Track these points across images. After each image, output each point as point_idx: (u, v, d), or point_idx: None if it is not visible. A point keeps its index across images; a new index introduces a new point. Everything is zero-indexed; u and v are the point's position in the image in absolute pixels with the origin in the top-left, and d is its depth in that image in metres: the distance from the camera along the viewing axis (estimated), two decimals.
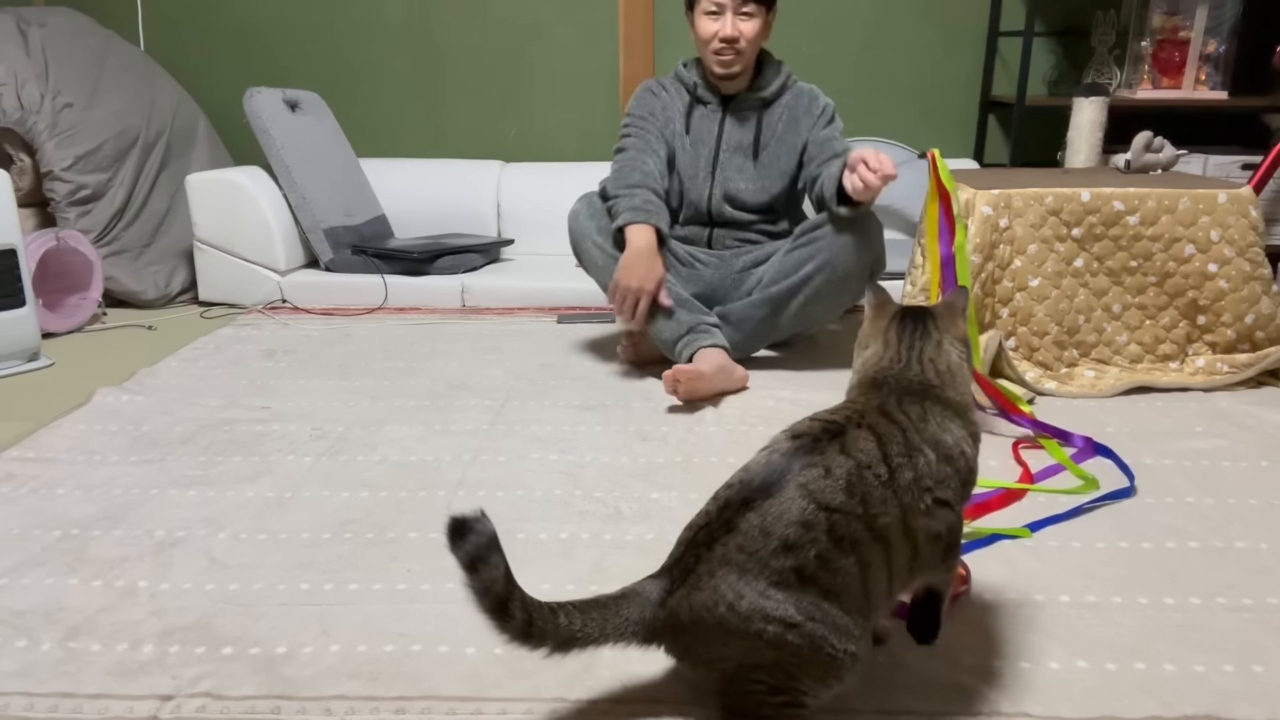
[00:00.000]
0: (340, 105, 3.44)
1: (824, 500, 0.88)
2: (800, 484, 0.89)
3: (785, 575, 0.87)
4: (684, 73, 2.35)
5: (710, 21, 2.20)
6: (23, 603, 1.29)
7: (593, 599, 0.93)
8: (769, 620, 0.86)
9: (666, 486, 1.65)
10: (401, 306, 2.92)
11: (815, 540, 0.87)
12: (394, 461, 1.76)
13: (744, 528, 0.88)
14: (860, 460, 0.91)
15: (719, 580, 0.88)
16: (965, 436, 1.00)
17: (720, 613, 0.87)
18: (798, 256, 2.16)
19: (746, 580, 0.87)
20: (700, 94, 2.32)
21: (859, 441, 0.93)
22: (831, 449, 0.92)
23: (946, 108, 3.45)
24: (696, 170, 2.31)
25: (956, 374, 1.04)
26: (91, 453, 1.81)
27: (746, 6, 2.18)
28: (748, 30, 2.19)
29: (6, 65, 2.80)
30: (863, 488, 0.90)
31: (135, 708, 1.08)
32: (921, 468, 0.94)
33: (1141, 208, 2.12)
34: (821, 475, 0.90)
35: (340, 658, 1.17)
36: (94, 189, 2.88)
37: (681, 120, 2.33)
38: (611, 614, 0.91)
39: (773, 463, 0.93)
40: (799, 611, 0.87)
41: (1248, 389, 2.14)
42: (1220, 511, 1.55)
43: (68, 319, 2.70)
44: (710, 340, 2.13)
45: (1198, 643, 1.19)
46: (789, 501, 0.88)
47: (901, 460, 0.93)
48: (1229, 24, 3.03)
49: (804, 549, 0.87)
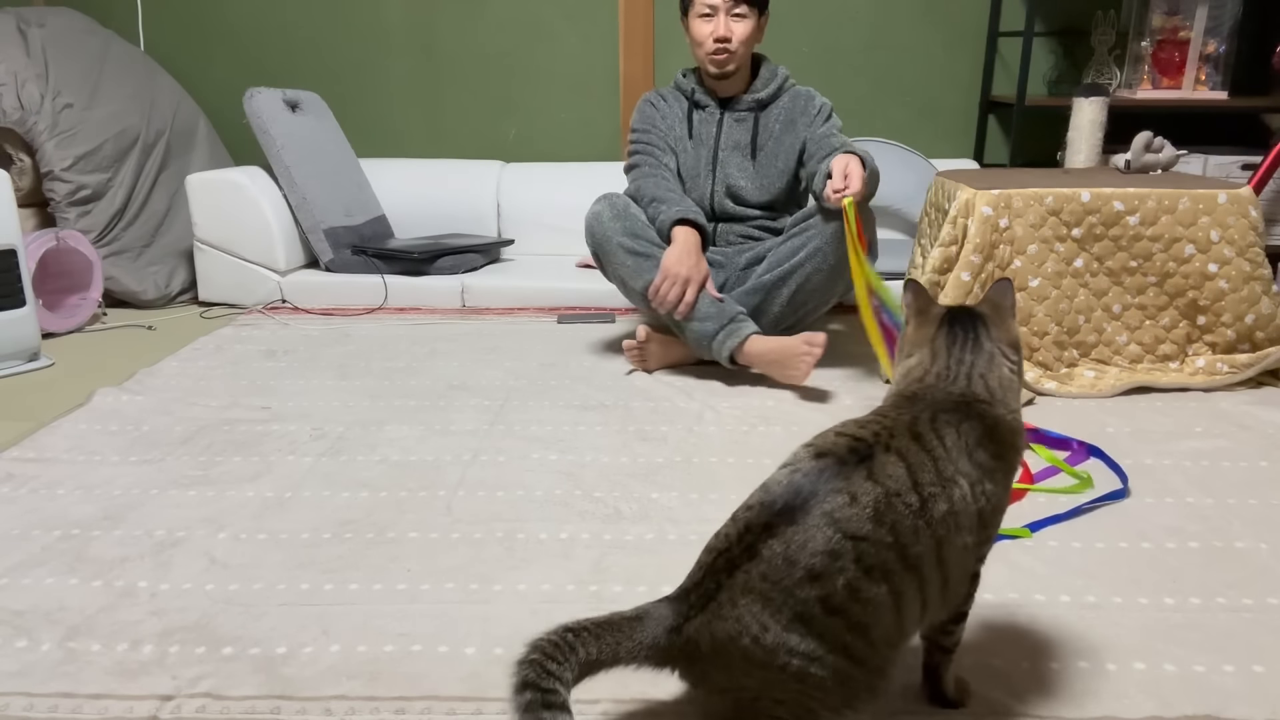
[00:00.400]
0: (340, 105, 3.44)
1: (851, 529, 0.85)
2: (825, 511, 0.85)
3: (811, 606, 0.83)
4: (682, 81, 2.41)
5: (704, 23, 2.26)
6: (23, 603, 1.29)
7: (606, 619, 0.90)
8: (794, 654, 0.83)
9: (666, 486, 1.65)
10: (401, 306, 2.92)
11: (843, 570, 0.83)
12: (394, 461, 1.76)
13: (767, 555, 0.84)
14: (889, 488, 0.87)
15: (742, 610, 0.84)
16: (994, 468, 0.95)
17: (744, 644, 0.84)
18: (790, 246, 2.19)
19: (770, 611, 0.83)
20: (698, 98, 2.38)
21: (888, 467, 0.88)
22: (858, 474, 0.87)
23: (946, 108, 3.45)
24: (698, 169, 2.37)
25: (1008, 390, 0.99)
26: (91, 453, 1.81)
27: (739, 8, 2.24)
28: (740, 30, 2.25)
29: (6, 65, 2.79)
30: (892, 516, 0.86)
31: (135, 708, 1.08)
32: (957, 501, 0.90)
33: (1141, 208, 2.12)
34: (848, 503, 0.86)
35: (340, 658, 1.17)
36: (94, 189, 2.88)
37: (682, 125, 2.39)
38: (625, 637, 0.88)
39: (795, 484, 0.88)
40: (824, 644, 0.83)
41: (1248, 389, 2.14)
42: (1220, 511, 1.55)
43: (68, 319, 2.70)
44: (751, 328, 2.16)
45: (1198, 643, 1.19)
46: (814, 529, 0.84)
47: (935, 490, 0.89)
48: (1229, 24, 3.03)
49: (831, 578, 0.83)
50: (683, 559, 1.40)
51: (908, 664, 1.13)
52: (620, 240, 2.22)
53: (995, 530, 0.98)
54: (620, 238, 2.22)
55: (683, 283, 2.14)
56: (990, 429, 0.95)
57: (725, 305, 2.17)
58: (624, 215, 2.24)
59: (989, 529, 0.96)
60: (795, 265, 2.16)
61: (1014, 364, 1.01)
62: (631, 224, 2.23)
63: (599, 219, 2.26)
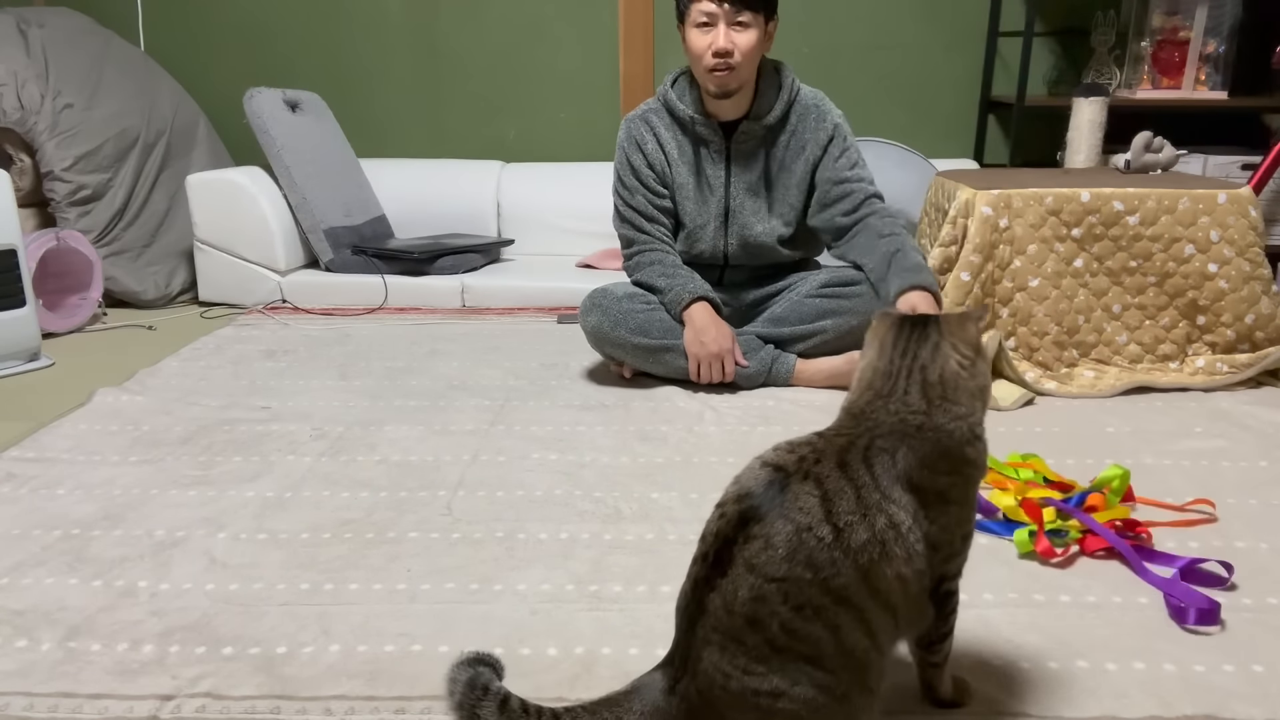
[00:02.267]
0: (340, 105, 3.44)
1: (768, 573, 0.85)
2: (744, 559, 0.87)
3: (759, 648, 0.85)
4: (676, 104, 2.13)
5: (701, 35, 2.00)
6: (23, 603, 1.29)
7: (602, 699, 0.92)
8: (759, 694, 0.85)
9: (666, 486, 1.65)
10: (401, 306, 2.92)
11: (774, 612, 0.85)
12: (394, 461, 1.76)
13: (711, 608, 0.87)
14: (799, 523, 0.86)
15: (706, 663, 0.87)
16: (946, 485, 0.92)
17: (718, 693, 0.87)
18: (818, 307, 2.12)
19: (728, 659, 0.86)
20: (699, 131, 2.13)
21: (799, 499, 0.88)
22: (773, 513, 0.87)
23: (946, 108, 3.45)
24: (706, 220, 2.18)
25: (954, 388, 0.94)
26: (91, 453, 1.81)
27: (742, 16, 1.98)
28: (743, 42, 1.99)
29: (6, 65, 2.80)
30: (805, 552, 0.85)
31: (135, 708, 1.08)
32: (881, 529, 0.88)
33: (1141, 208, 2.12)
34: (762, 548, 0.86)
35: (340, 658, 1.17)
36: (94, 189, 2.88)
37: (680, 167, 2.16)
38: (625, 710, 0.90)
39: (721, 533, 0.89)
40: (784, 680, 0.85)
41: (1248, 389, 2.14)
42: (1220, 511, 1.55)
43: (68, 319, 2.70)
44: (791, 358, 2.14)
45: (1198, 643, 1.19)
46: (739, 579, 0.86)
47: (852, 518, 0.87)
48: (1229, 24, 3.03)
49: (766, 622, 0.85)
50: (683, 559, 1.40)
51: (908, 664, 1.13)
52: (635, 342, 2.11)
53: (956, 550, 0.96)
54: (633, 340, 2.11)
55: (718, 360, 2.07)
56: (933, 446, 0.92)
57: (750, 339, 2.15)
58: (623, 318, 2.11)
59: (942, 551, 0.93)
60: (817, 330, 2.12)
61: (964, 359, 0.95)
62: (633, 321, 2.11)
63: (600, 332, 2.14)
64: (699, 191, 2.17)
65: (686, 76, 2.16)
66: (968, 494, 0.96)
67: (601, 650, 1.18)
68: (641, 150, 2.17)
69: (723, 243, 2.21)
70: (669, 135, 2.16)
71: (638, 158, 2.17)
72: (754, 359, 2.13)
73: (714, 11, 1.98)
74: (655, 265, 2.17)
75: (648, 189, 2.18)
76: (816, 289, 2.15)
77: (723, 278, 2.28)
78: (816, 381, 2.14)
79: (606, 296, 2.16)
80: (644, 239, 2.19)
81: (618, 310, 2.13)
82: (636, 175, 2.17)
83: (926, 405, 0.94)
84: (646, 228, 2.19)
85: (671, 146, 2.16)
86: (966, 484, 0.96)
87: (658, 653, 0.98)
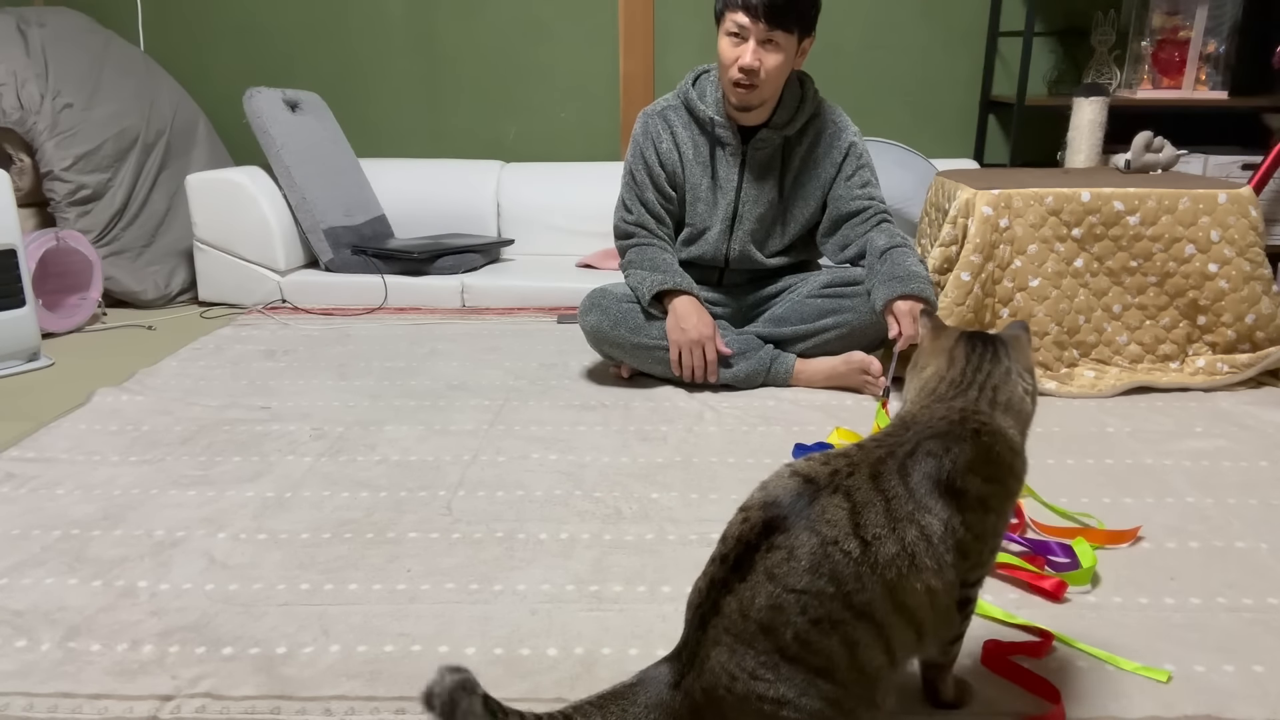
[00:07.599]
0: (340, 105, 3.44)
1: (788, 584, 0.85)
2: (765, 567, 0.87)
3: (770, 656, 0.85)
4: (696, 103, 2.11)
5: (731, 45, 1.97)
6: (23, 603, 1.29)
7: (608, 691, 0.92)
8: (764, 700, 0.86)
9: (666, 486, 1.65)
10: (401, 306, 2.92)
11: (790, 622, 0.85)
12: (394, 461, 1.76)
13: (725, 610, 0.88)
14: (825, 535, 0.86)
15: (714, 662, 0.87)
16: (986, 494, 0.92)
17: (720, 694, 0.87)
18: (819, 307, 2.12)
19: (736, 661, 0.86)
20: (718, 132, 2.10)
21: (827, 511, 0.88)
22: (799, 524, 0.87)
23: (946, 108, 3.45)
24: (712, 221, 2.17)
25: (1017, 411, 0.98)
26: (91, 453, 1.81)
27: (774, 34, 1.92)
28: (770, 63, 1.95)
29: (6, 65, 2.79)
30: (829, 566, 0.85)
31: (135, 708, 1.08)
32: (912, 541, 0.87)
33: (1141, 208, 2.12)
34: (784, 559, 0.86)
35: (340, 658, 1.17)
36: (94, 189, 2.88)
37: (695, 166, 2.14)
38: (630, 704, 0.90)
39: (744, 537, 0.89)
40: (791, 689, 0.85)
41: (1248, 389, 2.14)
42: (1220, 511, 1.55)
43: (68, 319, 2.70)
44: (790, 357, 2.14)
45: (1198, 643, 1.19)
46: (758, 585, 0.86)
47: (880, 531, 0.87)
48: (1229, 24, 3.03)
49: (780, 631, 0.85)
50: (683, 559, 1.41)
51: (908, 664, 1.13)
52: (634, 342, 2.12)
53: (984, 559, 0.95)
54: (632, 339, 2.12)
55: (698, 346, 2.06)
56: (985, 450, 0.93)
57: (749, 339, 2.15)
58: (623, 318, 2.12)
59: (971, 559, 0.93)
60: (819, 329, 2.11)
61: (1029, 387, 1.00)
62: (633, 321, 2.12)
63: (599, 332, 2.14)
64: (710, 193, 2.16)
65: (710, 76, 2.14)
66: (1005, 507, 0.96)
67: (601, 650, 1.18)
68: (656, 148, 2.15)
69: (725, 246, 2.20)
70: (686, 134, 2.14)
71: (651, 155, 2.15)
72: (753, 359, 2.13)
73: (746, 25, 1.93)
74: (649, 260, 2.15)
75: (656, 188, 2.17)
76: (818, 289, 2.14)
77: (722, 279, 2.28)
78: (816, 381, 2.14)
79: (606, 296, 2.16)
80: (643, 234, 2.19)
81: (617, 310, 2.13)
82: (648, 172, 2.16)
83: (991, 412, 0.96)
84: (649, 224, 2.19)
85: (687, 146, 2.14)
86: (1007, 496, 0.96)
87: (658, 653, 0.98)
